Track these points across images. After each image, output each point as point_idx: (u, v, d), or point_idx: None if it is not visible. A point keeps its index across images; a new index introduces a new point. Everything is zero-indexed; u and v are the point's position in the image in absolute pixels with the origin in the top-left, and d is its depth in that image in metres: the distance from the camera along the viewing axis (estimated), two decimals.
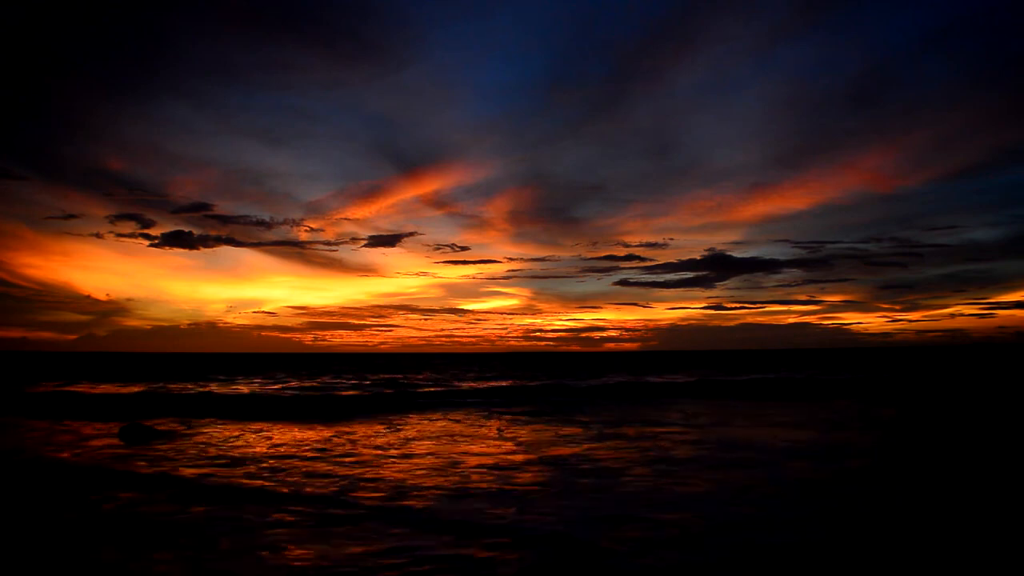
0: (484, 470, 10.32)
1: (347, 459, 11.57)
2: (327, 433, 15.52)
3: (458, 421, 18.11)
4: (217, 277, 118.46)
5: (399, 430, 16.12)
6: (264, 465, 10.90)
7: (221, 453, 12.28)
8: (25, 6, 65.97)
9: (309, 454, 12.21)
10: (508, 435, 14.98)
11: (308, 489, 8.89)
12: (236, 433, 15.51)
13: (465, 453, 12.14)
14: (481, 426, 16.95)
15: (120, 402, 23.06)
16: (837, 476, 9.62)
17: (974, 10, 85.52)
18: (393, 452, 12.35)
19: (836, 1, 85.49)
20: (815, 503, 7.92)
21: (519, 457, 11.63)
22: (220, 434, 15.34)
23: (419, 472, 10.17)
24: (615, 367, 63.68)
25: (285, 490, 8.85)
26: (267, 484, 9.28)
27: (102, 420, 18.08)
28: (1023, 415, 18.76)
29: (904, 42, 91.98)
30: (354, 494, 8.63)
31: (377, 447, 13.18)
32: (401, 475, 9.90)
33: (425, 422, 17.98)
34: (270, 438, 14.62)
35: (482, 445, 13.34)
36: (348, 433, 15.53)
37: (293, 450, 12.74)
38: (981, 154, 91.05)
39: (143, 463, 11.17)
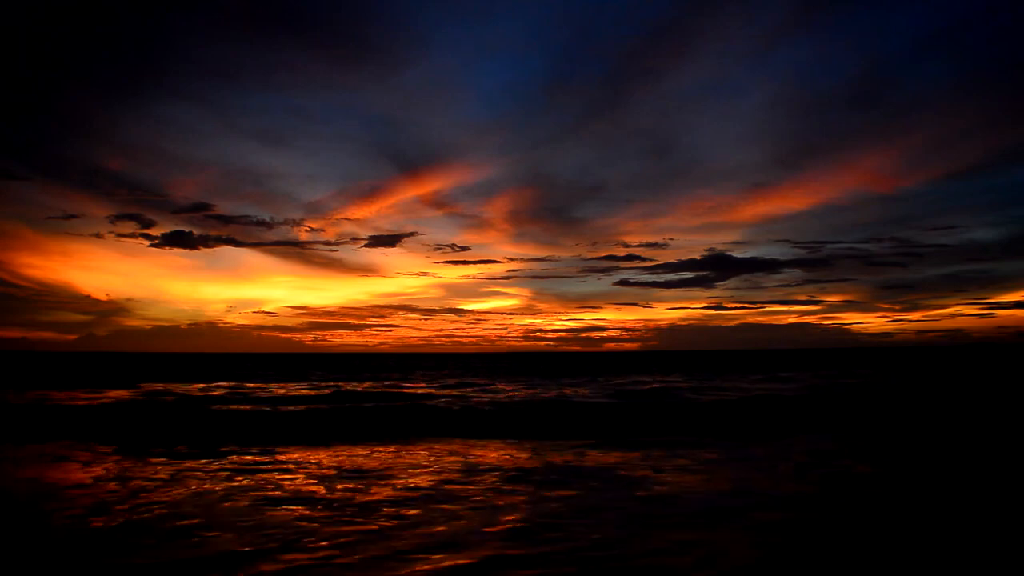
0: None
1: None
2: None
3: None
4: (217, 277, 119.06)
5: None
6: None
7: None
8: (25, 6, 65.93)
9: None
10: None
11: None
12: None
13: None
14: None
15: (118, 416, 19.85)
16: None
17: (974, 11, 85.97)
18: None
19: (836, 1, 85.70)
20: None
21: None
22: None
23: None
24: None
25: None
26: None
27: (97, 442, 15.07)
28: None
29: (904, 42, 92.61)
30: None
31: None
32: None
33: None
34: None
35: None
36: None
37: None
38: (981, 154, 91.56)
39: None
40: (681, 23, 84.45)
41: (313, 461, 12.52)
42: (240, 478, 10.77)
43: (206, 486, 10.08)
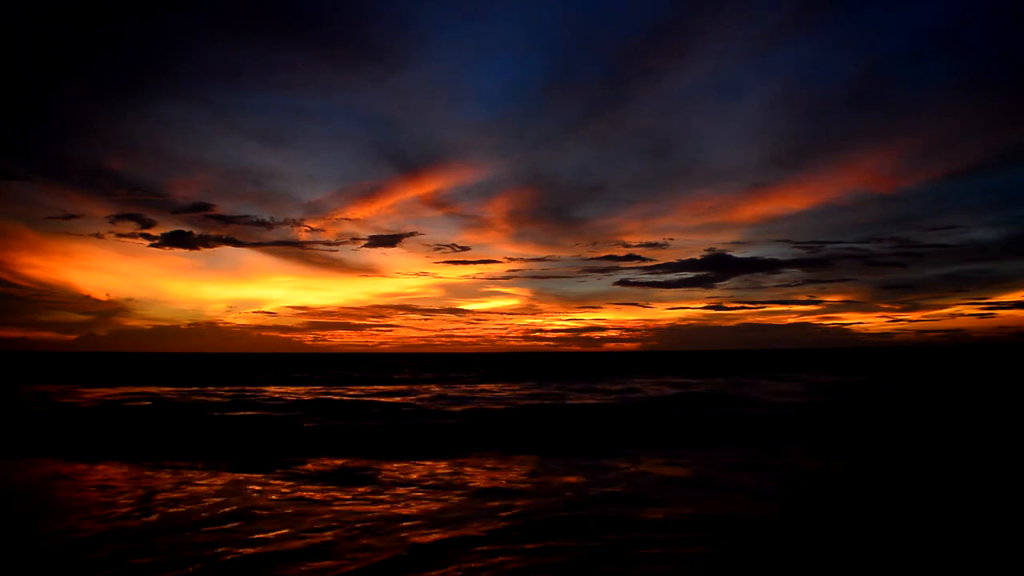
0: None
1: None
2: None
3: None
4: (217, 277, 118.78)
5: None
6: None
7: None
8: (25, 6, 65.64)
9: None
10: None
11: None
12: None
13: None
14: None
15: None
16: None
17: (974, 11, 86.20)
18: None
19: (836, 1, 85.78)
20: None
21: None
22: None
23: None
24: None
25: None
26: None
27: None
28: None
29: (904, 42, 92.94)
30: None
31: None
32: None
33: None
34: None
35: None
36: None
37: None
38: (981, 154, 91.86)
39: None
40: (681, 23, 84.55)
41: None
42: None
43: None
